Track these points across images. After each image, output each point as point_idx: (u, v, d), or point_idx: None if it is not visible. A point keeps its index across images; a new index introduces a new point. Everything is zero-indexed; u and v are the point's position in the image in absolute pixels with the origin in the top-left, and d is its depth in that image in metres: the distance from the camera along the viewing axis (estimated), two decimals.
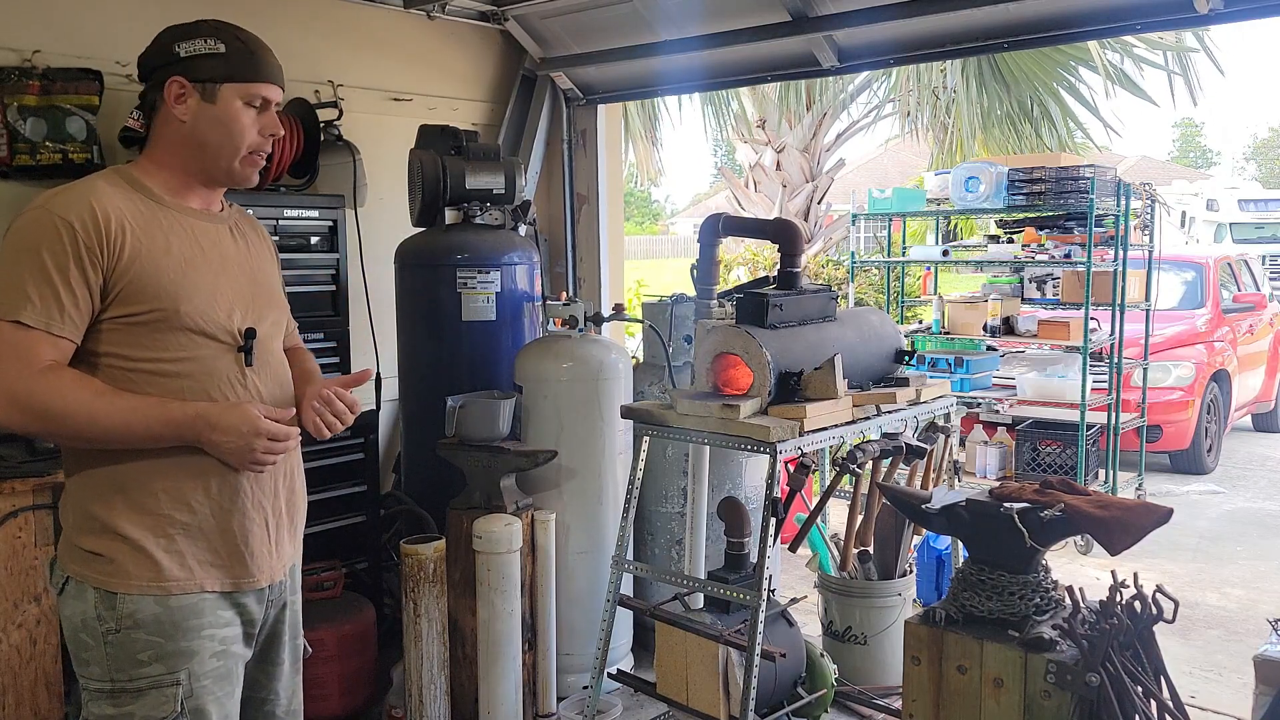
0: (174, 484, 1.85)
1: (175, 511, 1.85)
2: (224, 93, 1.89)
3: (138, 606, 1.82)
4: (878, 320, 3.59)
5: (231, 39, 1.91)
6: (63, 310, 1.75)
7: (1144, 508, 2.42)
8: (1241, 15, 3.69)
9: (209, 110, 1.89)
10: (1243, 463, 8.29)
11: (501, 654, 3.31)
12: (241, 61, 1.91)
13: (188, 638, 1.85)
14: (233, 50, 1.90)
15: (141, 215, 1.85)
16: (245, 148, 1.93)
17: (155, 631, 1.82)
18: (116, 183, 1.87)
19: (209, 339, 1.88)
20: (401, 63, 4.88)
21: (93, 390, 1.77)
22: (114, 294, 1.80)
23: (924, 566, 4.44)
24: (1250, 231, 15.55)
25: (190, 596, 1.85)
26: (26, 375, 1.73)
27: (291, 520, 2.05)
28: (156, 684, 1.82)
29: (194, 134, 1.90)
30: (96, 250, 1.76)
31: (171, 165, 1.93)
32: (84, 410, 1.75)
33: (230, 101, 1.90)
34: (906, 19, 4.11)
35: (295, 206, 4.02)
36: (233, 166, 1.94)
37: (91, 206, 1.78)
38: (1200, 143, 50.82)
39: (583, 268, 5.52)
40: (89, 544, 1.84)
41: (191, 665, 1.85)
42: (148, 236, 1.83)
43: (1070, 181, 5.96)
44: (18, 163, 3.51)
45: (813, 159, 11.38)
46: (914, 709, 2.49)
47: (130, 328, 1.82)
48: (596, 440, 3.71)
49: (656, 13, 4.68)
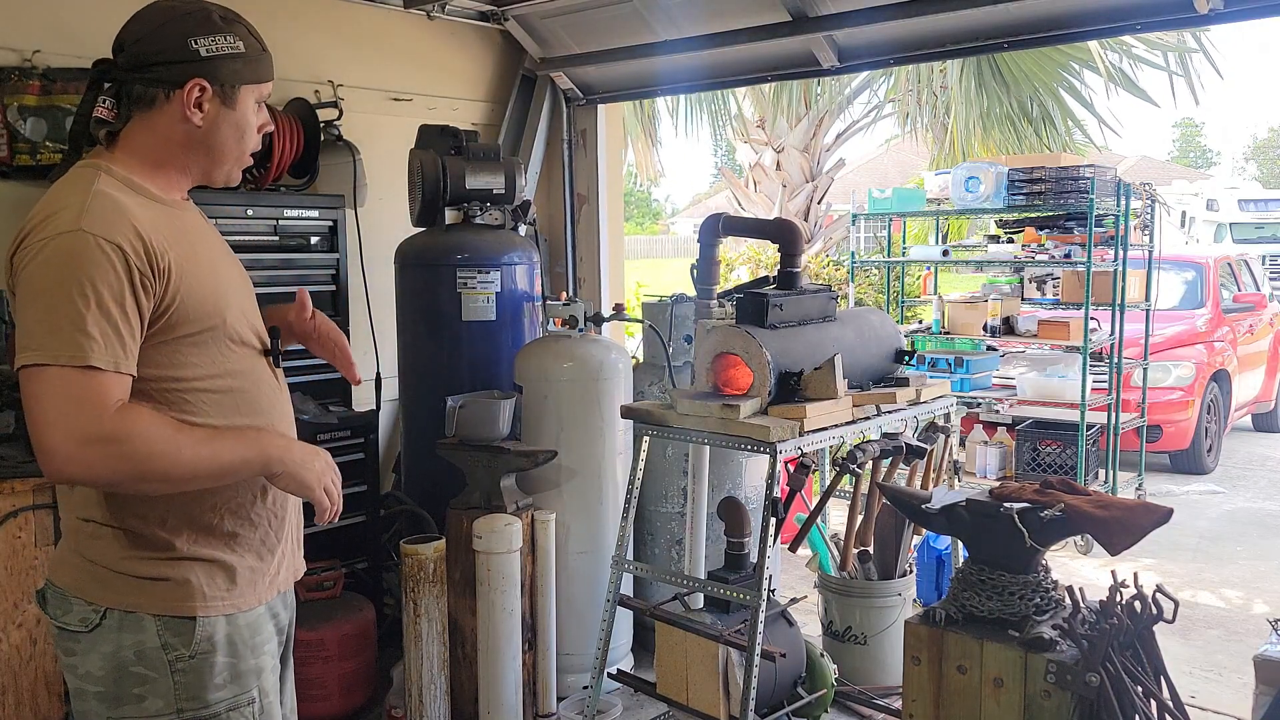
0: (232, 499, 1.76)
1: (239, 527, 1.77)
2: (242, 95, 1.77)
3: (214, 629, 1.73)
4: (878, 320, 3.59)
5: (246, 34, 1.78)
6: (124, 346, 1.59)
7: (1144, 508, 2.42)
8: (1241, 15, 3.69)
9: (229, 115, 1.76)
10: (1243, 463, 8.29)
11: (501, 654, 3.31)
12: (257, 60, 1.78)
13: (256, 654, 1.79)
14: (249, 48, 1.77)
15: (162, 223, 1.69)
16: (248, 150, 1.83)
17: (229, 653, 1.75)
18: (122, 189, 1.69)
19: (244, 345, 1.79)
20: (401, 63, 4.89)
21: (172, 425, 1.63)
22: (165, 318, 1.66)
23: (924, 566, 4.43)
24: (1250, 231, 15.54)
25: (254, 612, 1.80)
26: (104, 416, 1.56)
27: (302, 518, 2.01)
28: (233, 705, 1.75)
29: (208, 137, 1.76)
30: (149, 274, 1.61)
31: (167, 166, 1.77)
32: (169, 447, 1.60)
33: (246, 103, 1.78)
34: (906, 19, 4.11)
35: (295, 206, 4.03)
36: (233, 169, 1.84)
37: (134, 226, 1.62)
38: (1200, 143, 50.83)
39: (583, 268, 5.52)
40: (148, 570, 1.70)
41: (261, 681, 1.80)
42: (181, 249, 1.69)
43: (1070, 181, 5.95)
44: (18, 163, 3.51)
45: (813, 159, 11.38)
46: (914, 709, 2.49)
47: (179, 347, 1.69)
48: (596, 440, 3.71)
49: (656, 13, 4.68)
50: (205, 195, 3.76)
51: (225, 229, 3.74)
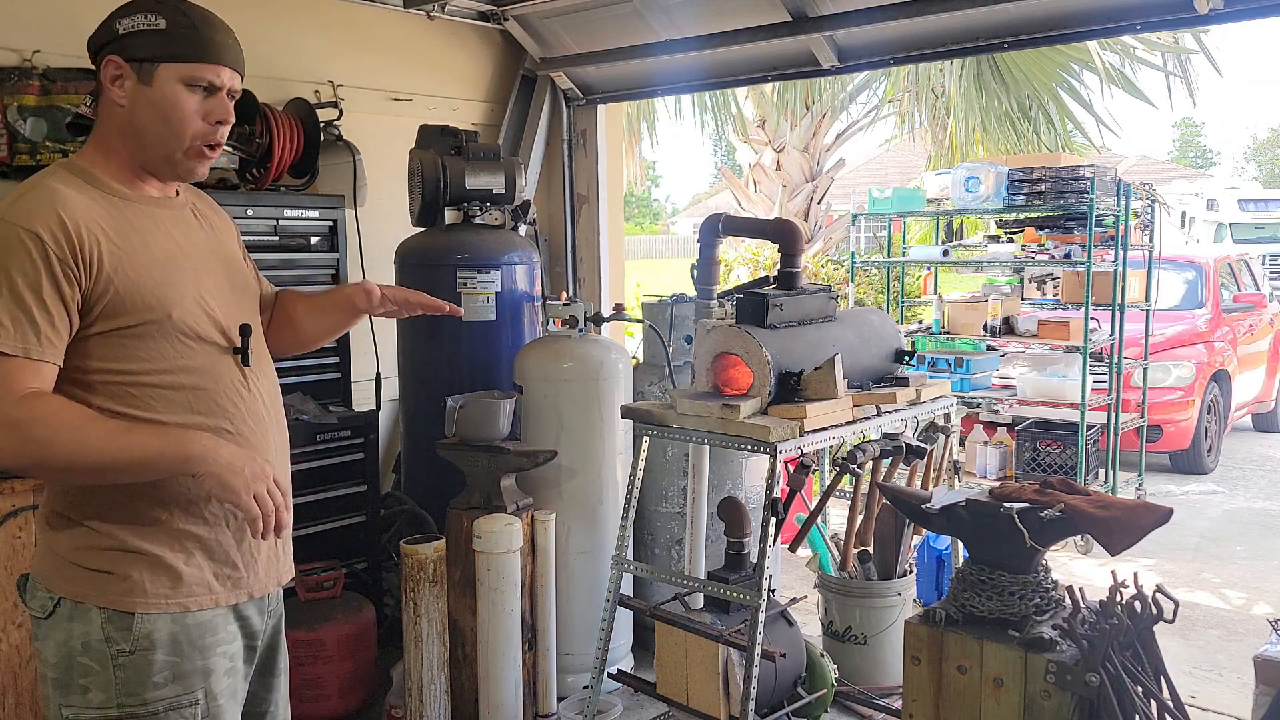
0: (187, 496, 1.73)
1: (191, 525, 1.75)
2: (161, 73, 1.70)
3: (155, 626, 1.71)
4: (878, 320, 3.58)
5: (175, 13, 1.71)
6: (39, 332, 1.58)
7: (1144, 508, 2.42)
8: (1241, 15, 3.69)
9: (145, 93, 1.70)
10: (1243, 463, 8.29)
11: (501, 654, 3.31)
12: (183, 39, 1.70)
13: (204, 655, 1.75)
14: (174, 26, 1.70)
15: (109, 216, 1.68)
16: (189, 137, 1.73)
17: (172, 651, 1.72)
18: (71, 181, 1.69)
19: (203, 342, 1.75)
20: (401, 63, 4.89)
21: (85, 415, 1.62)
22: (97, 309, 1.65)
23: (924, 566, 4.43)
24: (1250, 231, 15.53)
25: (206, 613, 1.76)
26: (7, 404, 1.56)
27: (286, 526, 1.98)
28: (174, 705, 1.72)
29: (131, 120, 1.72)
30: (71, 263, 1.60)
31: (118, 154, 1.75)
32: (74, 436, 1.59)
33: (168, 84, 1.70)
34: (906, 19, 4.11)
35: (295, 206, 4.02)
36: (175, 157, 1.75)
37: (59, 215, 1.60)
38: (1200, 143, 50.82)
39: (583, 268, 5.52)
40: (94, 562, 1.71)
41: (209, 684, 1.76)
42: (122, 239, 1.67)
43: (1070, 181, 5.95)
44: (18, 163, 3.51)
45: (813, 159, 11.38)
46: (914, 709, 2.49)
47: (121, 340, 1.67)
48: (596, 440, 3.71)
49: (656, 13, 4.68)
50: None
51: None
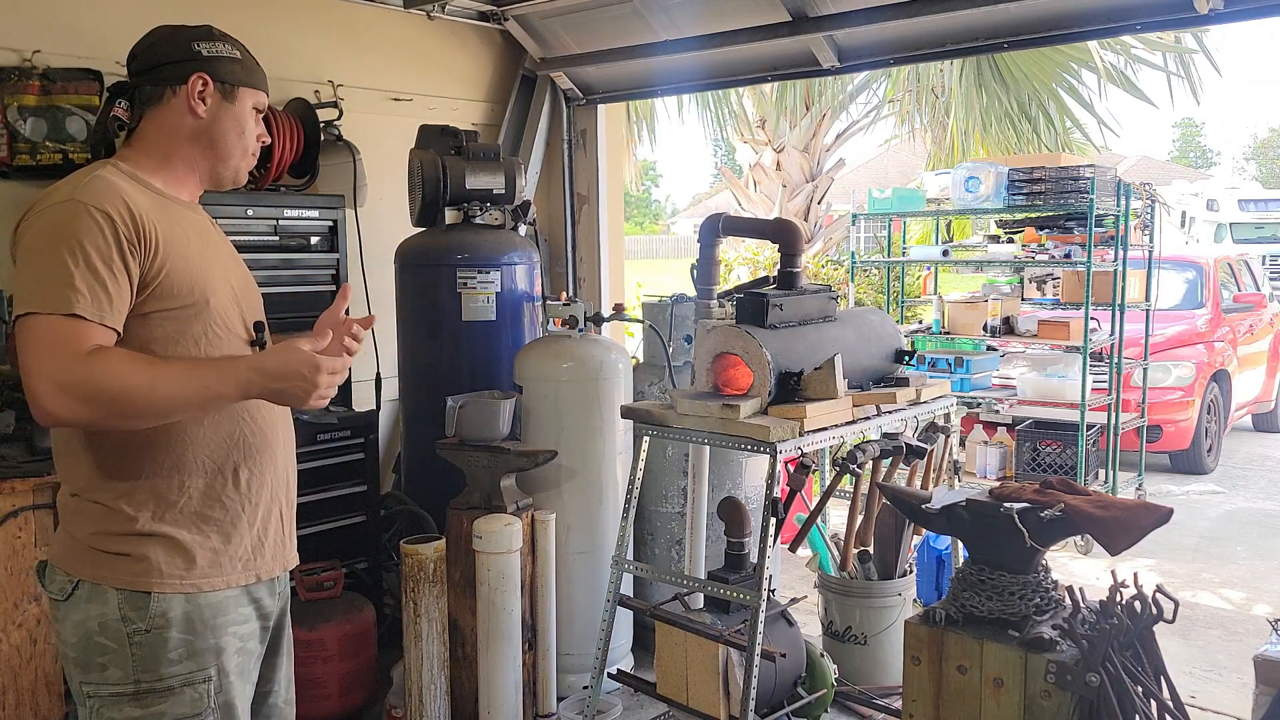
0: (205, 481, 1.85)
1: (208, 509, 1.85)
2: (242, 95, 1.96)
3: (169, 605, 1.80)
4: (878, 320, 3.59)
5: (238, 48, 1.98)
6: (110, 301, 1.72)
7: (1144, 508, 2.42)
8: (1241, 15, 3.69)
9: (229, 110, 1.94)
10: (1243, 463, 8.29)
11: (501, 654, 3.31)
12: (253, 69, 1.99)
13: (216, 634, 1.85)
14: (245, 57, 1.98)
15: (159, 210, 1.84)
16: (250, 149, 2.00)
17: (186, 630, 1.82)
18: (124, 177, 1.85)
19: (230, 332, 1.89)
20: (401, 63, 4.89)
21: (145, 361, 1.72)
22: (151, 288, 1.78)
23: (924, 566, 4.43)
24: (1250, 231, 15.53)
25: (219, 593, 1.86)
26: (77, 361, 1.66)
27: (291, 510, 2.07)
28: (188, 681, 1.82)
29: (210, 131, 1.93)
30: (136, 242, 1.75)
31: (174, 160, 1.92)
32: (143, 381, 1.68)
33: (246, 104, 1.96)
34: (906, 19, 4.11)
35: (295, 206, 4.03)
36: (239, 165, 1.99)
37: (124, 199, 1.77)
38: (1200, 143, 50.79)
39: (583, 268, 5.52)
40: (111, 545, 1.80)
41: (221, 661, 1.85)
42: (170, 230, 1.82)
43: (1070, 181, 5.95)
44: (18, 163, 3.51)
45: (813, 159, 11.38)
46: (914, 709, 2.49)
47: (164, 321, 1.81)
48: (596, 440, 3.71)
49: (656, 13, 4.68)
50: (204, 195, 3.77)
51: (225, 229, 3.76)
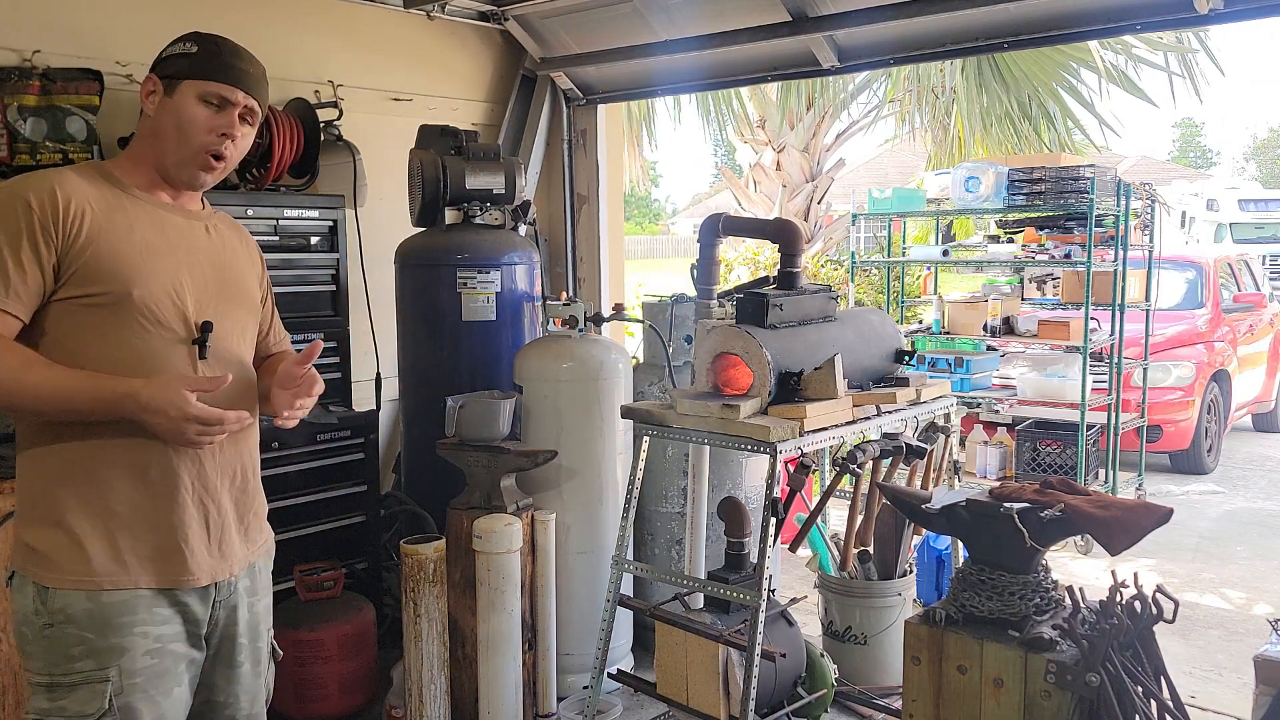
0: (116, 477, 1.85)
1: (116, 505, 1.85)
2: (182, 88, 1.93)
3: (69, 601, 1.82)
4: (878, 320, 3.59)
5: (209, 43, 1.96)
6: (9, 286, 1.76)
7: (1144, 508, 2.42)
8: (1241, 15, 3.69)
9: (167, 104, 1.93)
10: (1243, 463, 8.29)
11: (501, 654, 3.31)
12: (206, 61, 1.94)
13: (119, 634, 1.84)
14: (203, 51, 1.95)
15: (107, 201, 1.87)
16: (195, 145, 1.93)
17: (87, 627, 1.82)
18: (88, 172, 1.91)
19: (161, 327, 1.88)
20: (401, 63, 4.89)
21: (24, 359, 1.77)
22: (69, 273, 1.80)
23: (924, 566, 4.44)
24: (1250, 231, 15.53)
25: (123, 592, 1.84)
26: None
27: (241, 520, 2.02)
28: (88, 679, 1.82)
29: (154, 126, 1.94)
30: (51, 228, 1.78)
31: (141, 160, 1.96)
32: (10, 377, 1.74)
33: (185, 96, 1.92)
34: (906, 19, 4.11)
35: (295, 206, 4.02)
36: (184, 161, 1.94)
37: (53, 188, 1.81)
38: (1200, 143, 50.79)
39: (583, 268, 5.52)
40: (29, 537, 1.86)
41: (122, 662, 1.84)
42: (109, 220, 1.85)
43: (1070, 181, 5.95)
44: (18, 163, 3.50)
45: (813, 159, 11.37)
46: (914, 709, 2.49)
47: (83, 310, 1.82)
48: (596, 440, 3.71)
49: (656, 13, 4.68)
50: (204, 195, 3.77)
51: None
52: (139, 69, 3.82)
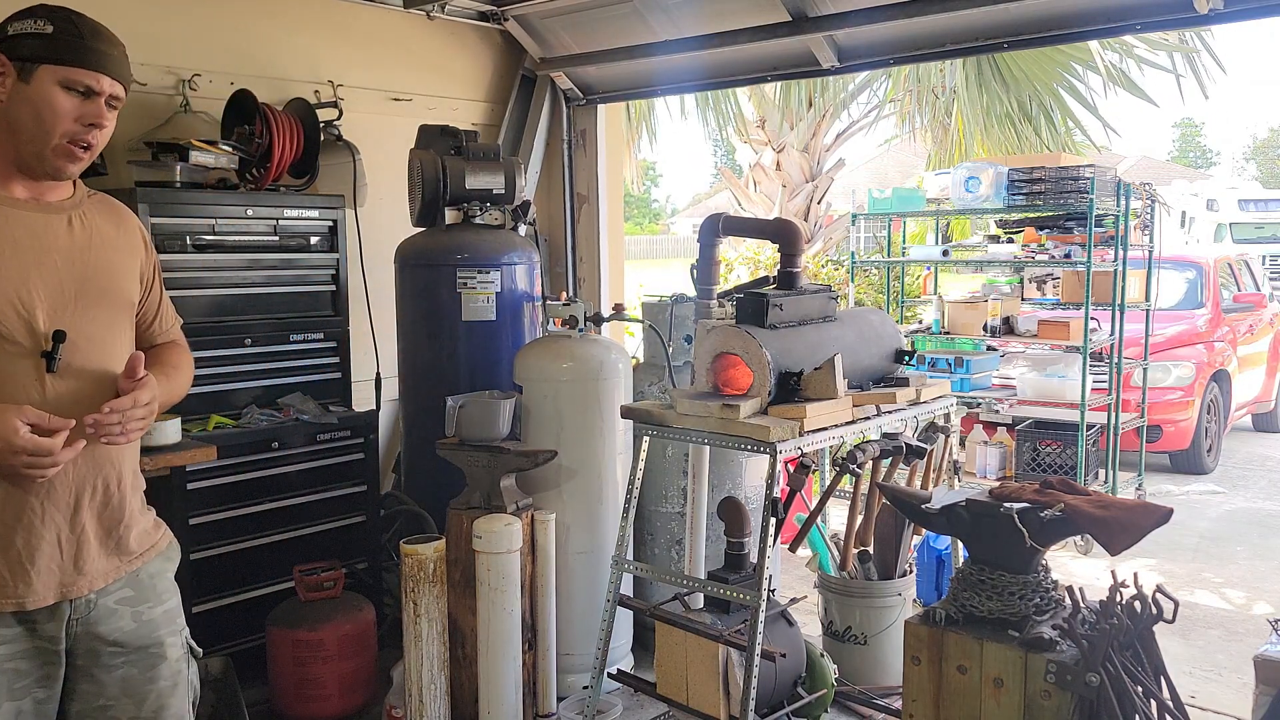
0: None
1: None
2: (40, 74, 1.78)
3: None
4: (878, 320, 3.59)
5: (64, 21, 1.80)
6: None
7: (1144, 508, 2.42)
8: (1241, 15, 3.69)
9: (23, 91, 1.78)
10: (1243, 463, 8.29)
11: (501, 654, 3.31)
12: (66, 44, 1.79)
13: None
14: (60, 32, 1.79)
15: None
16: (58, 135, 1.80)
17: None
18: None
19: (4, 341, 1.77)
20: (401, 63, 4.89)
21: None
22: None
23: (924, 566, 4.43)
24: (1250, 231, 15.53)
25: None
26: None
27: (108, 533, 1.93)
28: None
29: (7, 115, 1.80)
30: None
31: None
32: None
33: (45, 83, 1.78)
34: (906, 19, 4.11)
35: (295, 206, 4.02)
36: (43, 153, 1.81)
37: None
38: (1200, 143, 50.79)
39: (583, 268, 5.52)
40: None
41: None
42: None
43: (1070, 181, 5.95)
44: None
45: (813, 159, 11.37)
46: (914, 709, 2.49)
47: None
48: (596, 440, 3.71)
49: (656, 13, 4.68)
50: (204, 196, 3.77)
51: (224, 229, 3.79)
52: (138, 69, 3.79)
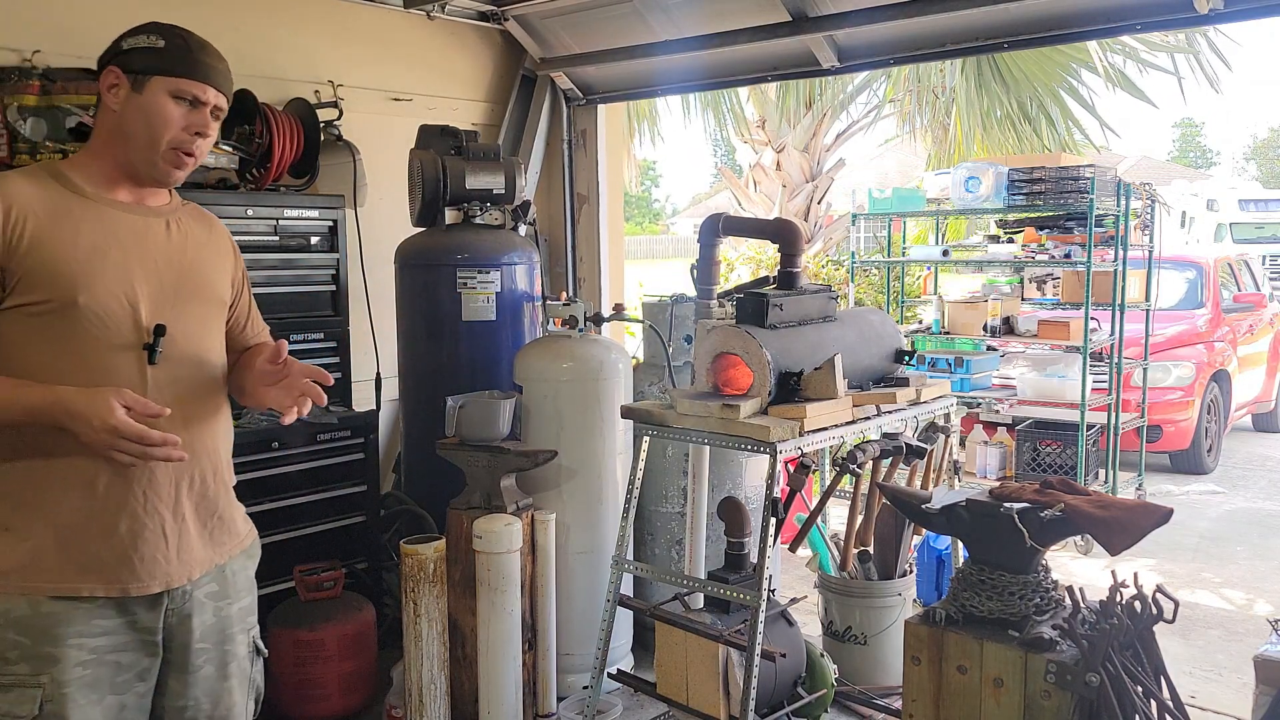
0: (62, 483, 1.82)
1: (59, 512, 1.82)
2: (152, 84, 1.89)
3: (11, 605, 1.80)
4: (878, 320, 3.58)
5: (175, 37, 1.92)
6: None
7: (1144, 508, 2.42)
8: (1241, 15, 3.70)
9: (136, 100, 1.89)
10: (1243, 463, 8.29)
11: (501, 654, 3.31)
12: (176, 57, 1.90)
13: (54, 644, 1.81)
14: (171, 47, 1.91)
15: (52, 205, 1.84)
16: (166, 142, 1.90)
17: (23, 632, 1.80)
18: (35, 175, 1.88)
19: (110, 333, 1.84)
20: (401, 63, 4.89)
21: None
22: (13, 282, 1.79)
23: (924, 566, 4.43)
24: (1250, 231, 15.53)
25: (63, 601, 1.82)
26: None
27: (204, 524, 1.99)
28: (20, 683, 1.80)
29: (120, 123, 1.90)
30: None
31: (101, 157, 1.92)
32: None
33: (157, 93, 1.89)
34: (906, 19, 4.11)
35: (295, 206, 4.03)
36: (153, 159, 1.91)
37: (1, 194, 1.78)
38: (1200, 143, 50.79)
39: (583, 268, 5.52)
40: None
41: (54, 671, 1.81)
42: (54, 225, 1.82)
43: (1070, 181, 5.95)
44: (18, 163, 3.50)
45: (813, 159, 11.37)
46: (914, 709, 2.49)
47: (29, 319, 1.80)
48: (596, 440, 3.71)
49: (656, 13, 4.68)
50: (204, 196, 3.77)
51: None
52: None
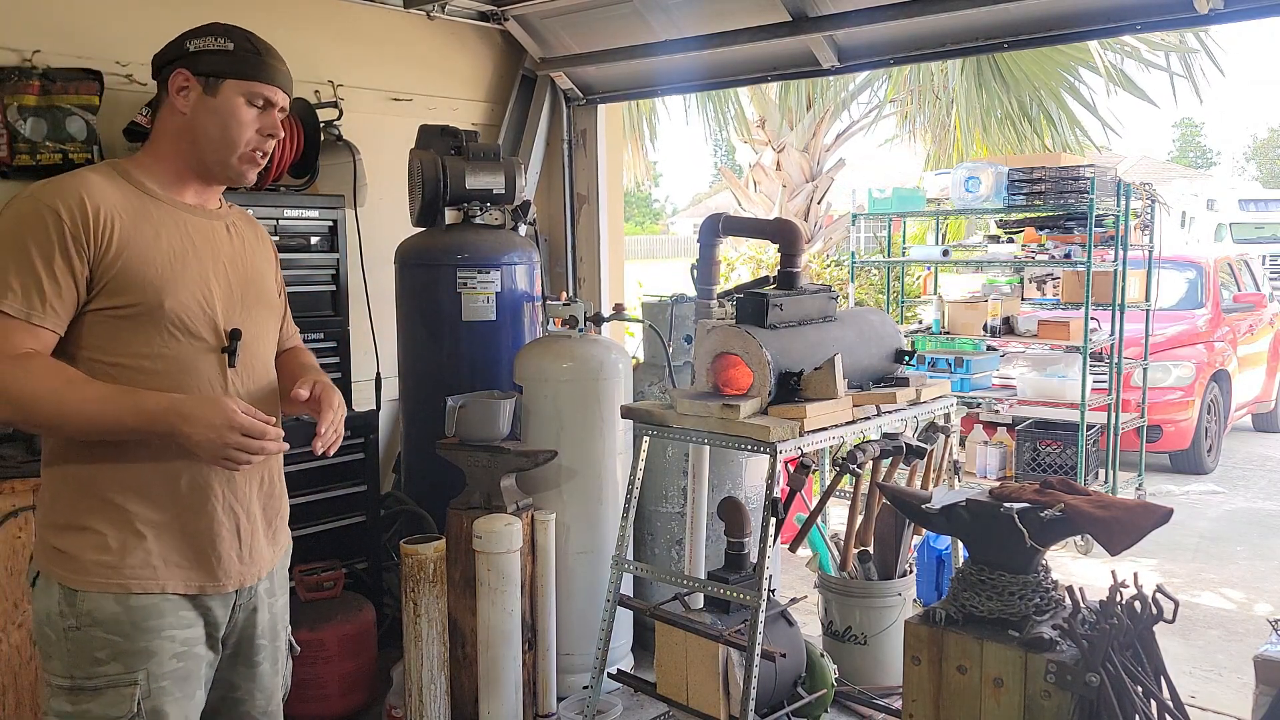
0: (144, 482, 1.84)
1: (143, 510, 1.84)
2: (225, 88, 1.89)
3: (97, 604, 1.81)
4: (878, 320, 3.58)
5: (242, 39, 1.93)
6: (44, 300, 1.74)
7: (1144, 508, 2.42)
8: (1241, 15, 3.69)
9: (209, 103, 1.89)
10: (1243, 463, 8.29)
11: (501, 654, 3.31)
12: (247, 60, 1.91)
13: (147, 638, 1.83)
14: (240, 49, 1.92)
15: (132, 207, 1.84)
16: (243, 144, 1.92)
17: (114, 630, 1.81)
18: (109, 175, 1.87)
19: (192, 337, 1.87)
20: (401, 63, 4.89)
21: (64, 378, 1.74)
22: (100, 285, 1.79)
23: (924, 566, 4.43)
24: (1250, 231, 15.52)
25: (151, 597, 1.84)
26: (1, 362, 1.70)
27: (269, 524, 2.03)
28: (113, 683, 1.81)
29: (192, 126, 1.90)
30: (83, 240, 1.75)
31: (168, 158, 1.92)
32: (52, 397, 1.71)
33: (231, 97, 1.90)
34: (906, 19, 4.11)
35: (295, 206, 4.03)
36: (229, 162, 1.93)
37: (81, 196, 1.77)
38: (1200, 143, 50.78)
39: (583, 268, 5.52)
40: (56, 540, 1.84)
41: (150, 666, 1.83)
42: (136, 229, 1.82)
43: (1070, 181, 5.95)
44: (18, 163, 3.51)
45: (813, 159, 11.36)
46: (914, 709, 2.49)
47: (114, 321, 1.81)
48: (596, 440, 3.71)
49: (656, 13, 4.68)
50: None
51: None
52: (139, 69, 3.82)
